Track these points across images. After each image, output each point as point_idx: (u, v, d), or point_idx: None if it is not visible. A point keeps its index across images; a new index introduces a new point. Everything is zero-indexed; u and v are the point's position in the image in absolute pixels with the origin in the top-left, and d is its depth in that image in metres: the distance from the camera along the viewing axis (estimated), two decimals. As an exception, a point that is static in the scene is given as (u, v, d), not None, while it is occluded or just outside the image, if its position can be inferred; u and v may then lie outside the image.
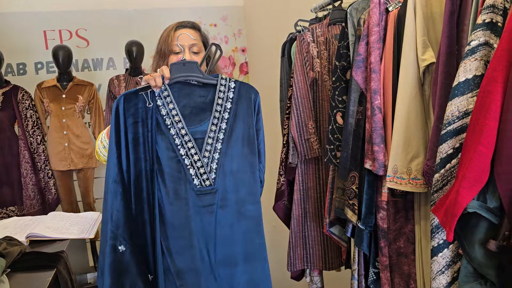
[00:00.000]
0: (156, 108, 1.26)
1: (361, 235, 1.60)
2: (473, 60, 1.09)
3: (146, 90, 1.25)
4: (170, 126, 1.25)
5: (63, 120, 3.12)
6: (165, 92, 1.27)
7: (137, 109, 1.25)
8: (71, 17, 3.87)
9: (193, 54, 1.45)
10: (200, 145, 1.26)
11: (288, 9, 3.26)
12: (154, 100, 1.25)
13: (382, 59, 1.51)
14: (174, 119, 1.25)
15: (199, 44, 1.47)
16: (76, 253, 1.79)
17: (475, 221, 1.07)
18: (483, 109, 1.02)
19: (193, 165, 1.25)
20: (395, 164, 1.42)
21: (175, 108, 1.26)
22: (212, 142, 1.27)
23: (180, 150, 1.25)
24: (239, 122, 1.32)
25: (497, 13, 1.06)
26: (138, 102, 1.26)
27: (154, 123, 1.24)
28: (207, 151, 1.26)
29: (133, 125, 1.25)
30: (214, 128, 1.27)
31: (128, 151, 1.24)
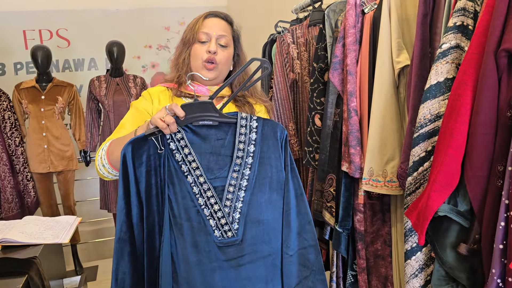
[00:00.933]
0: (169, 153, 1.10)
1: (339, 237, 1.60)
2: (445, 63, 1.08)
3: (155, 134, 1.07)
4: (187, 173, 1.09)
5: (42, 121, 3.06)
6: (179, 135, 1.09)
7: (148, 156, 1.08)
8: (51, 16, 3.81)
9: (220, 46, 1.29)
10: (221, 193, 1.10)
11: (271, 10, 3.25)
12: (166, 145, 1.09)
13: (358, 61, 1.50)
14: (191, 165, 1.09)
15: (228, 38, 1.32)
16: (51, 258, 1.75)
17: (447, 224, 1.07)
18: (453, 113, 1.02)
19: (213, 215, 1.09)
20: (371, 167, 1.42)
21: (191, 153, 1.10)
22: (234, 190, 1.11)
23: (198, 200, 1.09)
24: (265, 166, 1.13)
25: (468, 16, 1.06)
26: (148, 147, 1.09)
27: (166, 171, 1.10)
28: (228, 199, 1.10)
29: (145, 175, 1.08)
30: (236, 175, 1.11)
31: (141, 205, 1.09)
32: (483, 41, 0.97)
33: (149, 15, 4.03)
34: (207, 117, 1.10)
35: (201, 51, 1.28)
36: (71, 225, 1.84)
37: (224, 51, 1.31)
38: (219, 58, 1.29)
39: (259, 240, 1.12)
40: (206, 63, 1.28)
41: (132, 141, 1.07)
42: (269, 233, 1.13)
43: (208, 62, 1.28)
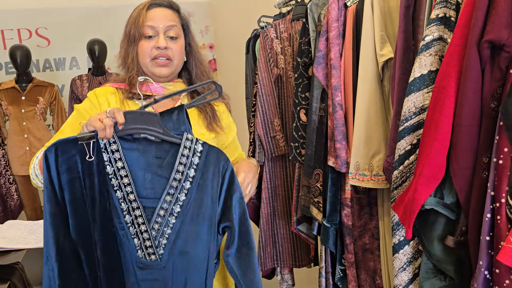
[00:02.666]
0: (99, 163, 0.99)
1: (326, 232, 1.59)
2: (428, 56, 1.08)
3: (89, 139, 0.97)
4: (117, 187, 1.00)
5: (23, 123, 3.00)
6: (114, 146, 0.99)
7: (75, 162, 0.98)
8: (30, 15, 3.72)
9: (170, 39, 1.19)
10: (150, 215, 1.02)
11: (254, 5, 3.22)
12: (97, 153, 0.99)
13: (342, 55, 1.49)
14: (123, 180, 1.00)
15: (177, 27, 1.21)
16: (35, 263, 1.71)
17: (434, 217, 1.07)
18: (438, 105, 1.01)
19: (138, 235, 1.02)
20: (357, 161, 1.41)
21: (124, 168, 1.00)
22: (165, 214, 1.02)
23: (125, 217, 1.01)
24: (203, 194, 1.04)
25: (450, 8, 1.06)
26: (76, 153, 0.98)
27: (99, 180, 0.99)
28: (157, 223, 1.02)
29: (70, 183, 0.98)
30: (170, 198, 1.02)
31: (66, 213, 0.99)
32: (465, 32, 0.96)
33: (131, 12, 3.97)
34: (150, 131, 1.00)
35: (148, 48, 1.18)
36: (55, 228, 1.80)
37: (176, 43, 1.20)
38: (172, 53, 1.19)
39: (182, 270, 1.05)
40: (157, 59, 1.18)
41: (57, 143, 0.98)
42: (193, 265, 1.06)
43: (160, 58, 1.18)
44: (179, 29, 1.22)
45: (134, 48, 1.20)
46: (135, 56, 1.21)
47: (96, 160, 0.99)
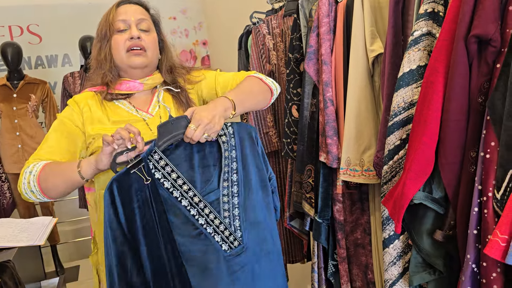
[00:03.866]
0: (157, 183, 1.02)
1: (318, 228, 1.60)
2: (417, 51, 1.08)
3: (137, 165, 0.99)
4: (180, 197, 1.03)
5: (15, 120, 2.98)
6: (161, 162, 1.02)
7: (136, 190, 1.00)
8: (21, 12, 3.69)
9: (142, 32, 1.18)
10: (217, 206, 1.06)
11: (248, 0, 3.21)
12: (151, 175, 1.01)
13: (333, 51, 1.49)
14: (182, 188, 1.03)
15: (148, 21, 1.21)
16: (27, 261, 1.71)
17: (423, 212, 1.08)
18: (426, 100, 1.02)
19: (216, 231, 1.05)
20: (348, 156, 1.41)
21: (180, 177, 1.03)
22: (228, 199, 1.08)
23: (199, 220, 1.04)
24: (248, 167, 1.12)
25: (439, 3, 1.06)
26: (132, 183, 1.00)
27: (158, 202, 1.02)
28: (226, 210, 1.07)
29: (138, 212, 1.01)
30: (226, 183, 1.08)
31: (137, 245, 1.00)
32: (453, 27, 0.96)
33: (123, 9, 3.95)
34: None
35: (122, 40, 1.16)
36: (47, 226, 1.80)
37: (148, 35, 1.19)
38: (146, 43, 1.18)
39: (261, 240, 1.11)
40: (131, 50, 1.16)
41: (114, 179, 0.99)
42: (266, 231, 1.12)
43: (134, 48, 1.16)
44: (150, 23, 1.22)
45: (107, 45, 1.19)
46: (108, 52, 1.19)
47: (152, 181, 1.01)
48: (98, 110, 1.19)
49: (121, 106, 1.21)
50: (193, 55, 4.29)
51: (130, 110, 1.21)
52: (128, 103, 1.22)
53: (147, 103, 1.24)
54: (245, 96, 1.16)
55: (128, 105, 1.22)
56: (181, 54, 4.24)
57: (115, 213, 0.99)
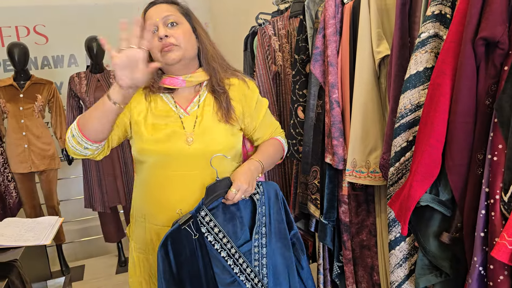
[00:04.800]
0: (201, 237, 1.15)
1: (324, 229, 1.60)
2: (424, 53, 1.08)
3: (187, 222, 1.13)
4: (220, 249, 1.16)
5: (22, 120, 3.00)
6: (207, 218, 1.16)
7: (185, 244, 1.13)
8: (28, 12, 3.72)
9: (170, 27, 1.20)
10: (249, 256, 1.21)
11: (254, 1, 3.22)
12: (198, 230, 1.14)
13: (339, 52, 1.49)
14: (222, 241, 1.17)
15: (175, 15, 1.22)
16: (33, 260, 1.72)
17: (429, 214, 1.08)
18: (433, 102, 1.01)
19: (248, 278, 1.20)
20: (354, 158, 1.41)
21: (221, 231, 1.17)
22: (258, 249, 1.22)
23: (234, 269, 1.18)
24: (274, 221, 1.27)
25: (446, 5, 1.06)
26: (182, 237, 1.13)
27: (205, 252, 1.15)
28: (256, 260, 1.22)
29: (185, 262, 1.14)
30: (257, 236, 1.23)
31: None
32: (460, 29, 0.96)
33: (128, 10, 3.96)
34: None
35: (154, 42, 1.20)
36: (53, 225, 1.81)
37: (178, 28, 1.20)
38: (175, 39, 1.19)
39: (276, 283, 1.26)
40: (162, 49, 1.19)
41: (169, 235, 1.12)
42: (280, 276, 1.27)
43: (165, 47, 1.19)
44: (178, 16, 1.23)
45: None
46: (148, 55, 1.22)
47: (199, 236, 1.14)
48: (143, 103, 1.27)
49: (164, 99, 1.27)
50: (198, 55, 4.30)
51: (171, 104, 1.27)
52: (171, 97, 1.28)
53: (188, 100, 1.28)
54: (270, 161, 1.34)
55: (171, 99, 1.27)
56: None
57: (169, 264, 1.13)
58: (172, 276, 1.13)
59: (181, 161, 1.22)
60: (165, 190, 1.24)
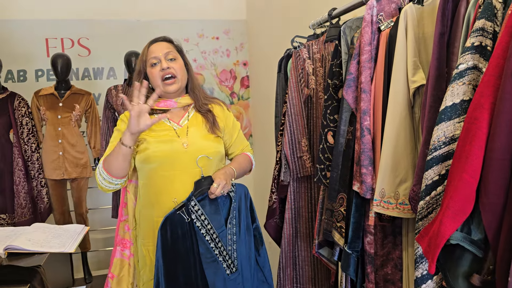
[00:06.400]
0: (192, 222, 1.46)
1: (347, 259, 1.55)
2: (461, 84, 1.04)
3: (181, 208, 1.45)
4: (205, 234, 1.46)
5: (59, 128, 3.10)
6: (196, 207, 1.46)
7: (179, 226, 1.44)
8: (73, 25, 3.89)
9: (170, 61, 1.57)
10: (225, 241, 1.50)
11: (289, 24, 3.25)
12: (189, 215, 1.45)
13: (373, 79, 1.47)
14: (207, 227, 1.47)
15: (173, 52, 1.60)
16: (57, 267, 1.75)
17: (460, 252, 1.02)
18: (469, 136, 0.97)
19: (224, 259, 1.50)
20: (382, 188, 1.37)
21: (206, 219, 1.47)
22: (231, 236, 1.52)
23: (215, 251, 1.47)
24: (242, 215, 1.58)
25: (487, 37, 1.02)
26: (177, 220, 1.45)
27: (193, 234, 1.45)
28: (229, 245, 1.51)
29: (179, 240, 1.44)
30: (230, 225, 1.53)
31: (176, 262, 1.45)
32: (501, 63, 0.93)
33: (169, 27, 4.08)
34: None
35: (156, 72, 1.56)
36: (79, 234, 1.83)
37: (176, 63, 1.58)
38: (175, 70, 1.57)
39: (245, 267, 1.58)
40: (165, 80, 1.56)
41: (168, 217, 1.45)
42: (246, 261, 1.59)
43: (166, 79, 1.56)
44: (175, 53, 1.62)
45: (140, 78, 1.60)
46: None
47: (190, 220, 1.46)
48: None
49: None
50: (233, 75, 4.35)
51: (165, 121, 1.62)
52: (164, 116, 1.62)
53: (179, 117, 1.64)
54: (241, 171, 1.69)
55: (165, 118, 1.62)
56: (221, 74, 4.31)
57: (166, 241, 1.44)
58: (167, 250, 1.43)
59: (179, 162, 1.56)
60: (166, 185, 1.56)
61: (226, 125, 1.71)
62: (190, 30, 4.19)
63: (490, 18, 1.02)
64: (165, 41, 1.63)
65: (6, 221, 2.99)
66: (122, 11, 3.98)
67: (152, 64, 1.57)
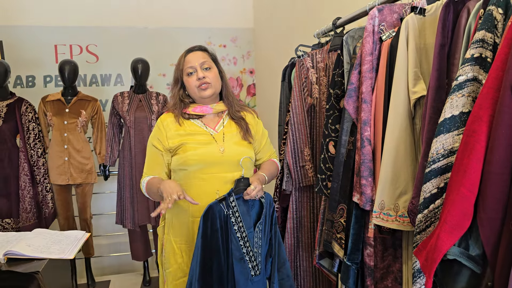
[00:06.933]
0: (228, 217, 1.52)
1: (347, 271, 1.53)
2: (460, 96, 1.03)
3: (222, 200, 1.50)
4: (237, 231, 1.52)
5: (65, 134, 3.12)
6: (233, 204, 1.52)
7: (218, 216, 1.50)
8: (82, 32, 3.93)
9: (205, 70, 1.64)
10: (252, 243, 1.54)
11: (295, 33, 3.25)
12: (228, 209, 1.52)
13: (374, 90, 1.46)
14: (239, 224, 1.52)
15: (208, 61, 1.66)
16: (56, 273, 1.74)
17: (457, 268, 1.00)
18: (467, 149, 0.96)
19: (250, 259, 1.54)
20: (382, 200, 1.35)
21: (239, 217, 1.53)
22: (257, 240, 1.56)
23: (243, 249, 1.52)
24: (267, 221, 1.62)
25: (487, 48, 1.01)
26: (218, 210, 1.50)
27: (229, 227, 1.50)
28: (255, 248, 1.55)
29: (216, 232, 1.49)
30: (257, 229, 1.57)
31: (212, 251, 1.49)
32: (500, 75, 0.91)
33: (176, 34, 4.11)
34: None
35: (192, 81, 1.63)
36: (79, 240, 1.83)
37: (210, 72, 1.64)
38: (209, 78, 1.63)
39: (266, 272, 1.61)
40: (200, 86, 1.62)
41: (211, 205, 1.50)
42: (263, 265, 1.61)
43: (202, 85, 1.62)
44: (210, 62, 1.67)
45: (177, 86, 1.69)
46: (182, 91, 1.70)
47: (228, 213, 1.51)
48: (176, 125, 1.66)
49: (195, 123, 1.68)
50: (240, 82, 4.36)
51: (202, 126, 1.68)
52: (200, 121, 1.68)
53: (214, 122, 1.70)
54: (271, 176, 1.74)
55: (200, 123, 1.68)
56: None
57: (206, 229, 1.48)
58: (207, 240, 1.48)
59: (215, 166, 1.62)
60: (201, 188, 1.61)
61: (256, 132, 1.76)
62: (198, 38, 4.20)
63: (490, 29, 1.01)
64: (200, 50, 1.69)
65: (11, 226, 3.01)
66: (130, 18, 4.02)
67: (188, 73, 1.64)
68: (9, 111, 3.01)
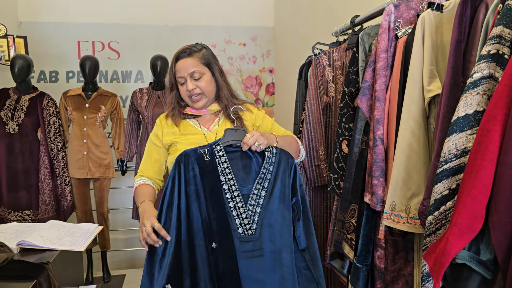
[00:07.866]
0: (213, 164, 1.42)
1: (357, 273, 1.50)
2: (475, 94, 0.99)
3: (203, 148, 1.42)
4: (223, 182, 1.41)
5: (84, 128, 3.17)
6: (220, 153, 1.43)
7: (195, 162, 1.41)
8: (104, 29, 3.99)
9: (195, 80, 1.58)
10: (246, 200, 1.41)
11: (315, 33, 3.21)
12: (211, 157, 1.42)
13: (389, 88, 1.42)
14: (227, 176, 1.41)
15: (198, 69, 1.57)
16: (67, 265, 1.76)
17: (467, 273, 0.96)
18: (480, 149, 0.92)
19: (239, 216, 1.40)
20: (393, 201, 1.32)
21: (228, 167, 1.42)
22: (256, 198, 1.42)
23: (229, 203, 1.40)
24: (279, 182, 1.45)
25: (504, 44, 0.97)
26: (195, 156, 1.41)
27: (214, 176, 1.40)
28: (251, 205, 1.41)
29: (193, 179, 1.40)
30: (258, 186, 1.42)
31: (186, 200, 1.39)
32: (516, 72, 0.87)
33: (196, 32, 4.12)
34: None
35: (184, 92, 1.59)
36: (91, 233, 1.85)
37: (201, 81, 1.57)
38: (200, 89, 1.58)
39: (268, 239, 1.40)
40: (191, 98, 1.59)
41: (186, 152, 1.42)
42: (276, 234, 1.41)
43: (193, 96, 1.58)
44: (200, 69, 1.57)
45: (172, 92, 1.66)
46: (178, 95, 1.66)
47: (210, 161, 1.41)
48: (172, 125, 1.65)
49: (190, 123, 1.65)
50: (259, 81, 4.35)
51: (196, 126, 1.64)
52: (196, 121, 1.65)
53: (209, 122, 1.65)
54: (285, 142, 1.55)
55: (196, 122, 1.65)
56: (246, 80, 4.31)
57: (179, 172, 1.39)
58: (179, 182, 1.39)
59: None
60: None
61: (254, 123, 1.67)
62: (217, 36, 4.22)
63: (508, 24, 0.96)
64: (190, 56, 1.58)
65: (31, 217, 3.07)
66: (151, 16, 4.06)
67: (180, 83, 1.60)
68: (31, 105, 3.07)
